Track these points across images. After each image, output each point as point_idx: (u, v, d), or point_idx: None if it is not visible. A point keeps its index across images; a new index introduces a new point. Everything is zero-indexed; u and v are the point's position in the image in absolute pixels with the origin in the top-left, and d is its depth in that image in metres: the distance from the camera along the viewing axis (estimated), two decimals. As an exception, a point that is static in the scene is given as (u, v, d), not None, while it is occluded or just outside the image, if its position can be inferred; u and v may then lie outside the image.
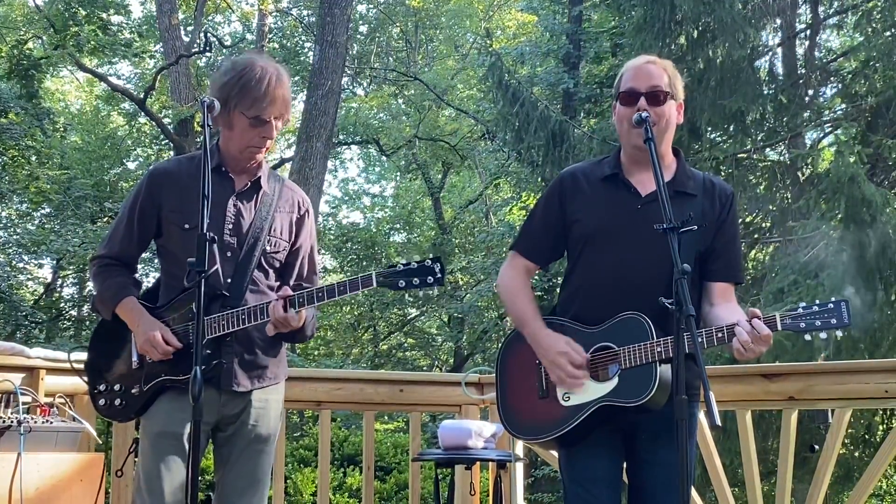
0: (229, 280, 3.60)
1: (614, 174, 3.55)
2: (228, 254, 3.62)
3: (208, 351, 3.50)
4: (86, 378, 3.79)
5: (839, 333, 3.23)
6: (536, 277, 15.73)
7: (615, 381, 3.34)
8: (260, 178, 3.73)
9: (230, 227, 3.63)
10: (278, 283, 3.73)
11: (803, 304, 3.22)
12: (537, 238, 3.69)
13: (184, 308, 3.58)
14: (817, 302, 3.20)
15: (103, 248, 3.79)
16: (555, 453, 3.82)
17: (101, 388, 3.71)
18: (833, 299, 3.21)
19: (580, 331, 3.46)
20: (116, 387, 3.67)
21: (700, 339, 3.17)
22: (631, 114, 3.42)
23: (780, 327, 3.18)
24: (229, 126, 3.61)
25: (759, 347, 3.16)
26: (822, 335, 3.17)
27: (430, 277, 3.47)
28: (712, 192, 3.53)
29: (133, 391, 3.63)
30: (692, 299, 3.02)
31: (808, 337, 3.21)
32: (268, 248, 3.69)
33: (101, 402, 3.71)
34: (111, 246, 3.76)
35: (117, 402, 3.67)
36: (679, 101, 3.56)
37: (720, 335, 3.22)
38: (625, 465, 3.60)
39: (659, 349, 3.25)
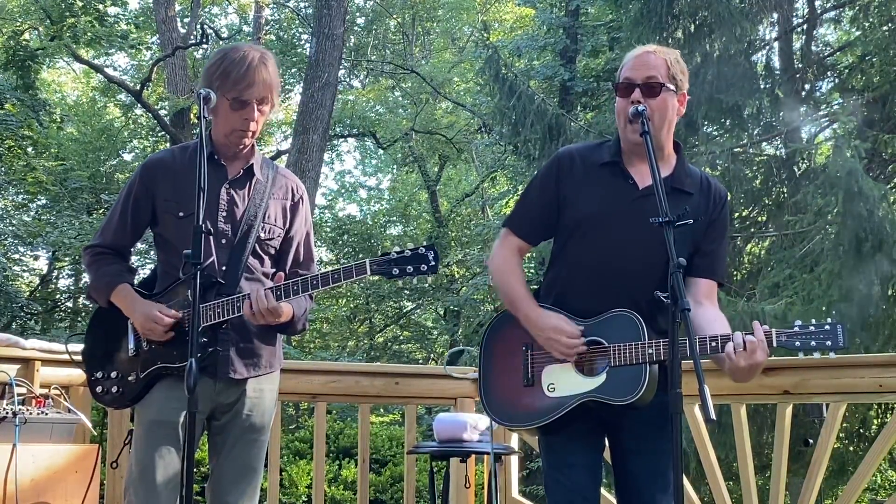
0: (224, 268, 3.61)
1: (614, 161, 3.51)
2: (223, 241, 3.62)
3: (204, 339, 3.49)
4: (83, 366, 3.79)
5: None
6: (532, 270, 15.73)
7: (603, 377, 3.32)
8: (252, 165, 3.73)
9: (223, 214, 3.64)
10: (273, 271, 3.74)
11: (799, 322, 3.21)
12: (532, 216, 3.64)
13: (180, 296, 3.59)
14: (813, 321, 3.19)
15: (97, 238, 3.81)
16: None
17: (98, 375, 3.71)
18: (829, 320, 3.20)
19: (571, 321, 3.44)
20: (113, 374, 3.68)
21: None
22: (626, 105, 3.40)
23: (775, 343, 3.17)
24: (215, 112, 3.61)
25: (753, 358, 3.13)
26: (816, 354, 3.17)
27: (423, 265, 3.45)
28: (708, 192, 3.51)
29: (130, 378, 3.63)
30: None
31: (801, 355, 3.21)
32: (262, 234, 3.69)
33: (98, 389, 3.72)
34: (105, 236, 3.78)
35: (114, 389, 3.67)
36: (682, 92, 3.51)
37: (713, 344, 3.20)
38: (610, 455, 3.59)
39: (650, 351, 3.24)
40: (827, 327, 3.17)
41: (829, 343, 3.15)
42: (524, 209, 3.69)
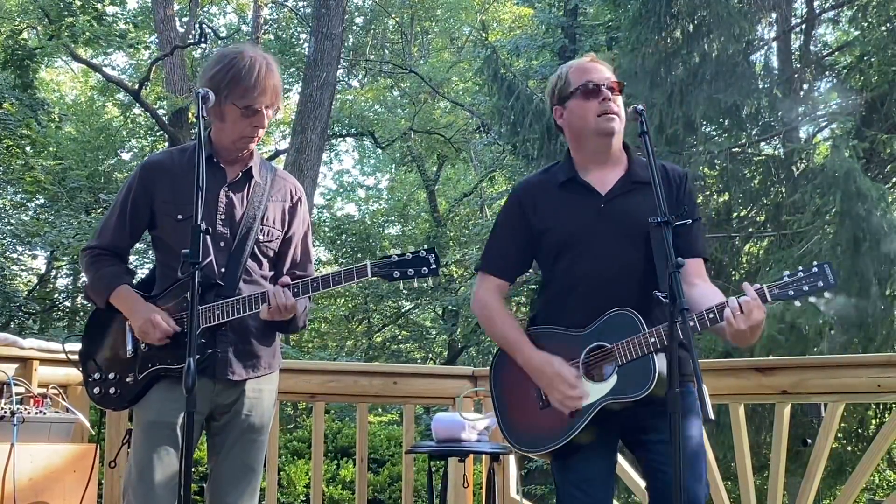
0: (223, 270, 3.60)
1: (570, 178, 3.53)
2: (221, 244, 3.62)
3: (202, 340, 3.49)
4: (80, 366, 3.78)
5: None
6: (530, 270, 15.73)
7: (613, 378, 3.33)
8: (251, 167, 3.73)
9: (222, 217, 3.64)
10: (272, 273, 3.74)
11: (787, 272, 3.22)
12: (504, 255, 3.66)
13: (178, 297, 3.59)
14: (801, 268, 3.20)
15: (95, 239, 3.80)
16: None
17: (96, 376, 3.70)
18: (815, 263, 3.21)
19: (569, 335, 3.44)
20: (111, 375, 3.67)
21: (692, 324, 3.16)
22: (596, 105, 3.44)
23: (769, 298, 3.17)
24: (221, 117, 3.60)
25: (752, 318, 3.12)
26: (812, 299, 3.18)
27: (424, 268, 3.47)
28: (667, 178, 3.52)
29: (128, 380, 3.63)
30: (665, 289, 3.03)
31: (797, 303, 3.22)
32: (260, 237, 3.69)
33: (96, 390, 3.71)
34: (103, 237, 3.77)
35: (112, 390, 3.67)
36: None
37: (711, 316, 3.20)
38: (634, 456, 3.58)
39: (653, 339, 3.24)
40: (815, 270, 3.17)
41: (820, 284, 3.16)
42: (495, 250, 3.70)
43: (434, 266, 3.47)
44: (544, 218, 3.53)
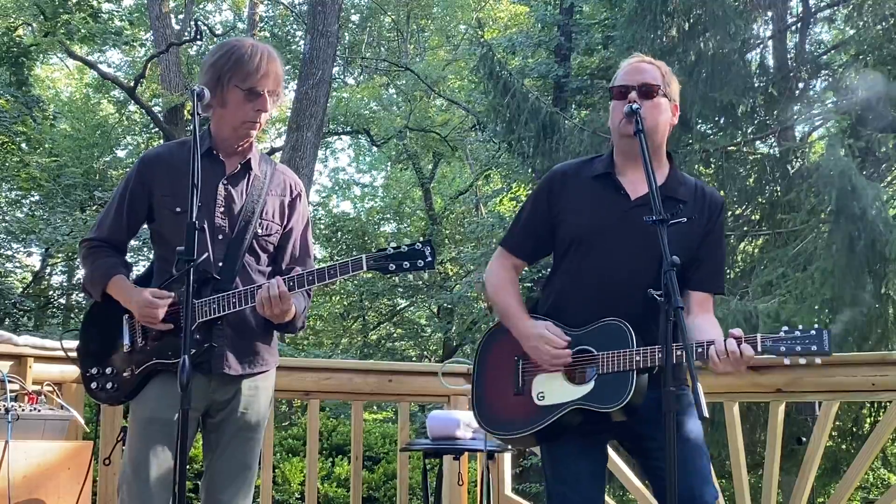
0: (220, 264, 3.59)
1: (606, 173, 3.53)
2: (220, 237, 3.61)
3: (198, 335, 3.49)
4: (78, 362, 3.77)
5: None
6: (525, 269, 15.74)
7: (591, 384, 3.33)
8: (250, 160, 3.72)
9: (221, 210, 3.62)
10: (270, 269, 3.73)
11: (786, 328, 3.20)
12: (524, 235, 3.69)
13: (175, 292, 3.57)
14: (800, 327, 3.18)
15: (93, 232, 3.78)
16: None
17: (93, 371, 3.69)
18: (816, 326, 3.20)
19: (563, 332, 3.45)
20: (108, 370, 3.66)
21: (680, 353, 3.09)
22: (622, 107, 3.42)
23: (759, 348, 3.17)
24: (223, 103, 3.59)
25: (736, 368, 3.14)
26: (802, 360, 3.17)
27: (420, 261, 3.44)
28: (703, 201, 3.52)
29: (125, 374, 3.62)
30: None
31: (786, 361, 3.20)
32: (259, 231, 3.67)
33: (93, 385, 3.70)
34: (101, 229, 3.75)
35: (109, 385, 3.66)
36: (674, 102, 3.55)
37: (699, 350, 3.18)
38: (636, 462, 3.58)
39: (637, 358, 3.24)
40: (813, 332, 3.16)
41: (814, 348, 3.14)
42: (517, 229, 3.73)
43: (430, 259, 3.44)
44: (566, 207, 3.54)
